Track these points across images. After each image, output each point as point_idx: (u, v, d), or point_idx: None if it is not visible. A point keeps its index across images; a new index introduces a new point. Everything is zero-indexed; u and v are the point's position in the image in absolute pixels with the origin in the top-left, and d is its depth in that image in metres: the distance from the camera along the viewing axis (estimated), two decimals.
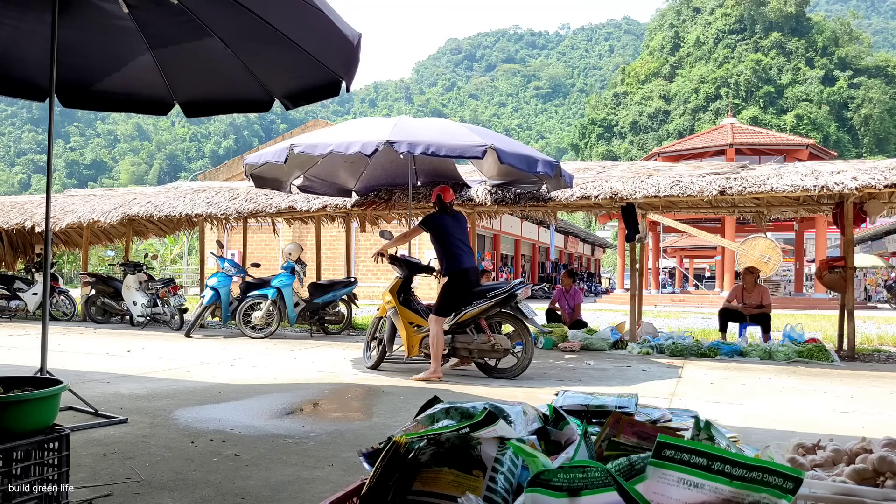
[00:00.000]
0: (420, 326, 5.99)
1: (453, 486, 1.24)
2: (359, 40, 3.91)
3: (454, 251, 5.74)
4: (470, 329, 5.88)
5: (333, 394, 5.04)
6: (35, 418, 2.06)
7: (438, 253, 5.84)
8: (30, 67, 4.41)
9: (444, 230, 5.75)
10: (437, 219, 5.81)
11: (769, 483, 1.04)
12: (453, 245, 5.75)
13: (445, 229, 5.76)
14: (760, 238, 17.04)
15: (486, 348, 5.83)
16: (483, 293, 5.79)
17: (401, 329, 6.01)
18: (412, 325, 6.00)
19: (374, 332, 6.45)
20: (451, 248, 5.74)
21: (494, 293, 5.77)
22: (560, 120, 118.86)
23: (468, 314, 5.77)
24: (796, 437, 1.78)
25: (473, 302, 5.76)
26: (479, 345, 5.84)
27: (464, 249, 5.78)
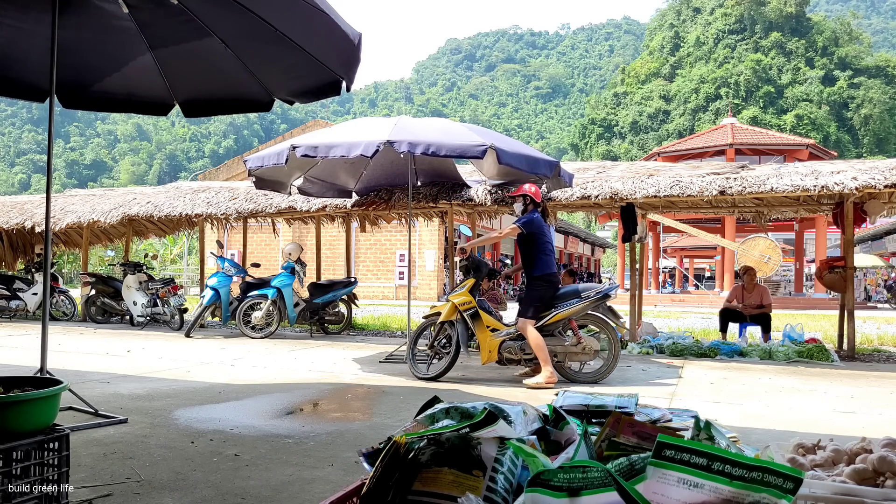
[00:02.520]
0: (496, 330, 5.71)
1: (453, 486, 1.24)
2: (359, 40, 3.91)
3: (548, 253, 5.68)
4: (558, 331, 5.66)
5: (333, 394, 5.04)
6: (35, 418, 2.06)
7: (526, 254, 5.65)
8: (30, 68, 4.41)
9: (542, 231, 5.68)
10: (538, 219, 5.70)
11: (769, 483, 1.04)
12: (547, 247, 5.69)
13: (542, 230, 5.69)
14: (760, 238, 17.05)
15: (575, 351, 5.60)
16: (575, 294, 5.66)
17: (480, 333, 5.63)
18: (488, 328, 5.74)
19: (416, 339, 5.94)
20: (546, 249, 5.68)
21: (589, 294, 5.62)
22: (560, 120, 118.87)
23: (559, 315, 5.56)
24: (796, 437, 1.78)
25: (561, 304, 5.60)
26: (568, 348, 5.60)
27: (553, 251, 5.77)
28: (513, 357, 5.65)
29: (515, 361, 5.69)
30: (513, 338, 5.65)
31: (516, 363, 5.71)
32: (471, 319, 5.64)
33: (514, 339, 5.64)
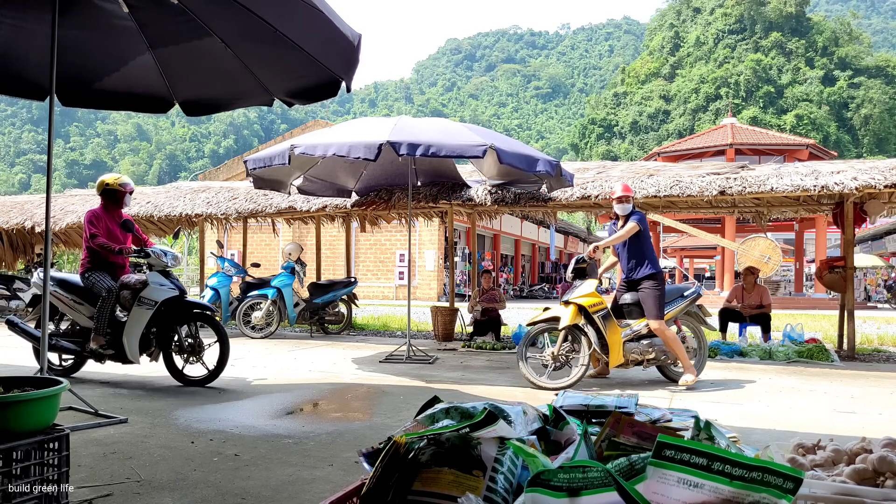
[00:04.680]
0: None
1: (453, 486, 1.24)
2: (359, 40, 3.91)
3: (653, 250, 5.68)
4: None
5: (333, 394, 5.04)
6: (35, 418, 2.06)
7: (638, 251, 5.56)
8: (30, 67, 4.41)
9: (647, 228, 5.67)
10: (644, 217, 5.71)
11: (769, 483, 1.04)
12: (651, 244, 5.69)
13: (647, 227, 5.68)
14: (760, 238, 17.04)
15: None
16: (678, 292, 5.72)
17: (613, 335, 5.36)
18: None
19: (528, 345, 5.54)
20: (652, 247, 5.67)
21: (690, 293, 5.72)
22: (560, 120, 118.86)
23: (671, 314, 5.58)
24: (796, 437, 1.78)
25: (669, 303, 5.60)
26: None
27: None
28: (637, 358, 5.54)
29: (639, 363, 5.59)
30: (633, 339, 5.54)
31: (638, 364, 5.62)
32: (602, 321, 5.32)
33: (635, 340, 5.54)
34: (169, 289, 5.16)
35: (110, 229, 5.30)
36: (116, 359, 5.19)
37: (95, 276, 5.21)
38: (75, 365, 5.61)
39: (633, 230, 5.47)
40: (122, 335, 5.11)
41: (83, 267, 5.28)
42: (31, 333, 5.21)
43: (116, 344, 5.13)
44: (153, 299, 5.09)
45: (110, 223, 5.33)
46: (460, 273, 24.00)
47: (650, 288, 5.45)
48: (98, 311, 5.09)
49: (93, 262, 5.26)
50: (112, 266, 5.32)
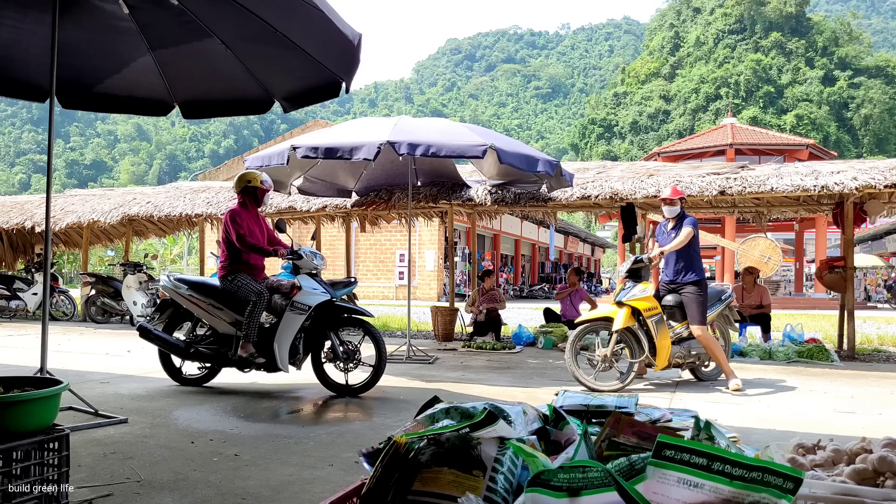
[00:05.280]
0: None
1: (453, 486, 1.24)
2: (359, 41, 3.91)
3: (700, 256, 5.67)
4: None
5: (333, 394, 5.04)
6: (35, 418, 2.06)
7: (687, 256, 5.53)
8: (30, 68, 4.41)
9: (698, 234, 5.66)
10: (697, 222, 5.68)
11: (769, 483, 1.04)
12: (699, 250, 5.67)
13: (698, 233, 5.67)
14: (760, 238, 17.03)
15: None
16: (717, 296, 5.80)
17: (663, 339, 5.33)
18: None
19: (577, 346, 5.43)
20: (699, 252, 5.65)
21: (726, 297, 5.84)
22: (560, 120, 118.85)
23: (710, 317, 5.64)
24: (796, 437, 1.78)
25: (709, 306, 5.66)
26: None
27: None
28: (679, 361, 5.58)
29: (680, 365, 5.65)
30: (675, 341, 5.54)
31: (680, 367, 5.69)
32: (655, 326, 5.29)
33: (676, 343, 5.55)
34: (321, 293, 4.91)
35: (251, 229, 5.02)
36: (265, 367, 4.90)
37: (240, 279, 4.89)
38: (210, 373, 5.28)
39: (690, 235, 5.47)
40: (273, 342, 4.81)
41: (224, 269, 4.96)
42: (168, 341, 5.00)
43: (266, 351, 4.85)
44: (307, 304, 4.83)
45: (251, 222, 5.07)
46: (460, 273, 24.00)
47: (695, 293, 5.45)
48: (248, 316, 4.77)
49: (235, 263, 4.96)
50: (252, 268, 5.03)
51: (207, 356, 5.05)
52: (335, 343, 4.95)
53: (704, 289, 5.50)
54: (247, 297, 4.83)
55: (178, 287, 4.98)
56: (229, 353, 4.96)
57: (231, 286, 4.91)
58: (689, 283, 5.48)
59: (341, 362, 4.95)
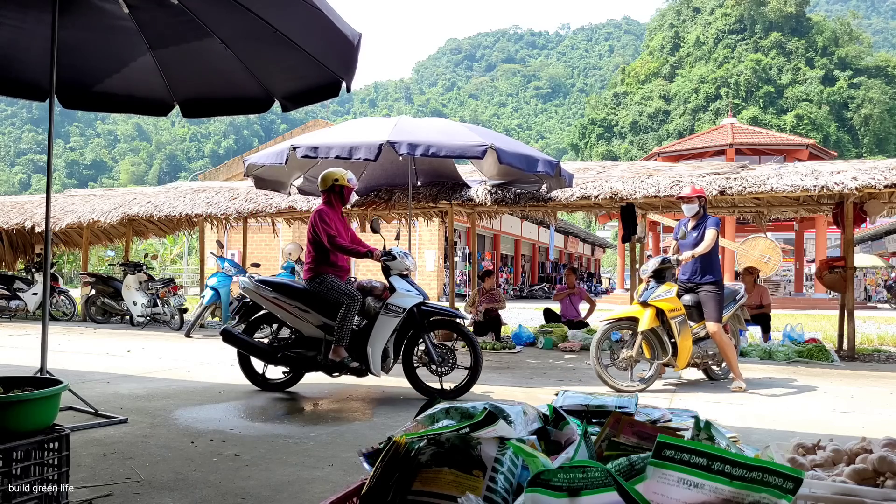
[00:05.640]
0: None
1: (453, 486, 1.24)
2: (359, 40, 3.91)
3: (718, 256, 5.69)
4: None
5: (333, 394, 5.04)
6: (35, 418, 2.06)
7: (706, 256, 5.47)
8: (30, 68, 4.41)
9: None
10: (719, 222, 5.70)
11: (769, 483, 1.04)
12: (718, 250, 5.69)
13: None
14: (760, 238, 17.04)
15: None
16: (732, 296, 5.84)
17: (685, 340, 5.32)
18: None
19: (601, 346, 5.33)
20: (718, 253, 5.67)
21: (740, 297, 5.91)
22: (560, 120, 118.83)
23: (726, 317, 5.69)
24: (796, 437, 1.78)
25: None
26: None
27: None
28: (696, 361, 5.62)
29: (697, 365, 5.70)
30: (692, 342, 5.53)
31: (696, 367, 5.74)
32: (678, 326, 5.28)
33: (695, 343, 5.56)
34: (414, 294, 4.76)
35: (338, 229, 4.90)
36: (356, 372, 4.77)
37: (330, 281, 4.75)
38: (293, 378, 5.11)
39: (715, 237, 5.49)
40: (366, 345, 4.68)
41: (311, 271, 4.83)
42: (254, 346, 4.85)
43: (358, 355, 4.71)
44: (401, 306, 4.69)
45: (338, 222, 4.93)
46: (460, 273, 24.00)
47: (713, 292, 5.47)
48: (341, 320, 4.61)
49: (322, 265, 4.82)
50: (339, 270, 4.89)
51: (295, 361, 4.88)
52: (429, 346, 4.79)
53: (722, 288, 5.54)
54: (338, 300, 4.67)
55: (260, 289, 4.82)
56: (318, 357, 4.80)
57: (320, 288, 4.76)
58: (707, 282, 5.50)
59: (435, 366, 4.80)
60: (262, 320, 5.10)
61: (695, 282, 5.56)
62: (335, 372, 4.82)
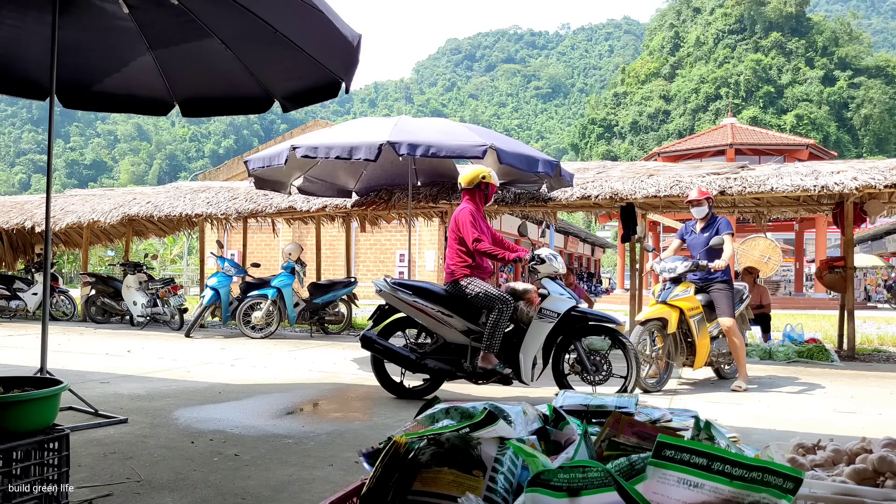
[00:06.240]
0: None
1: (453, 486, 1.24)
2: (359, 41, 3.92)
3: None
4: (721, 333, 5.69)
5: (333, 394, 5.04)
6: (35, 418, 2.06)
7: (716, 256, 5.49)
8: (30, 67, 4.41)
9: None
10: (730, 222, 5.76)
11: (769, 483, 1.04)
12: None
13: None
14: (760, 238, 17.03)
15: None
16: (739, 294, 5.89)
17: (703, 338, 5.36)
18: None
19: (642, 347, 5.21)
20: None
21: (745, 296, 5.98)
22: (560, 120, 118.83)
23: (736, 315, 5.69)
24: (796, 437, 1.78)
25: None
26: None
27: None
28: (711, 360, 5.64)
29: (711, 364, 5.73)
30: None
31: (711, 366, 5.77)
32: (697, 325, 5.32)
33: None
34: (567, 298, 4.56)
35: (482, 229, 4.71)
36: (504, 380, 4.57)
37: (478, 284, 4.55)
38: (433, 385, 4.87)
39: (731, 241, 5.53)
40: (518, 352, 4.49)
41: (457, 274, 4.62)
42: (396, 352, 4.64)
43: (510, 362, 4.51)
44: (555, 311, 4.49)
45: (482, 222, 4.73)
46: None
47: (725, 290, 5.50)
48: (493, 325, 4.41)
49: (468, 267, 4.61)
50: (484, 272, 4.70)
51: (439, 368, 4.66)
52: (581, 352, 4.63)
53: (732, 286, 5.60)
54: (489, 304, 4.48)
55: (398, 293, 4.63)
56: (463, 364, 4.60)
57: (466, 292, 4.56)
58: (718, 280, 5.53)
59: (588, 374, 4.63)
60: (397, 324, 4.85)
61: (706, 280, 5.58)
62: (482, 379, 4.58)
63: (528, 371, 4.51)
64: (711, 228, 5.64)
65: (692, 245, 5.74)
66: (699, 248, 5.64)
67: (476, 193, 4.78)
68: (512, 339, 4.54)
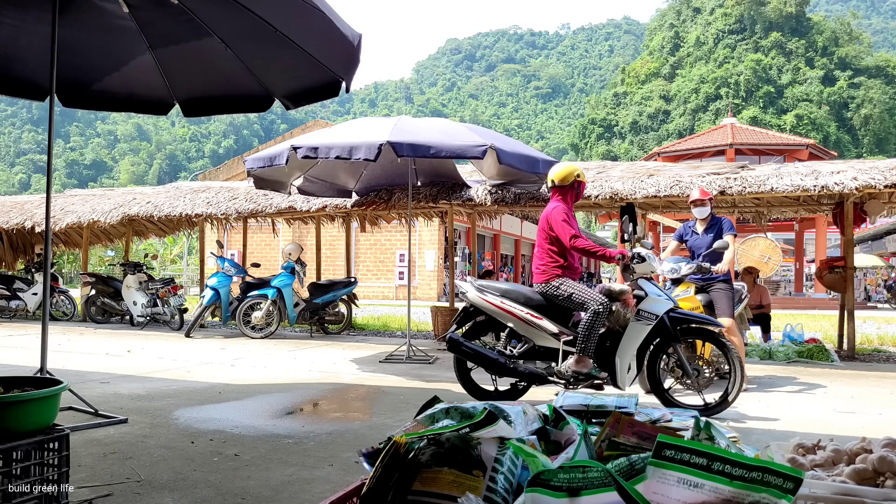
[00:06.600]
0: None
1: (453, 486, 1.24)
2: (359, 41, 3.92)
3: None
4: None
5: (333, 394, 5.05)
6: (35, 418, 2.06)
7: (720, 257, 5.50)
8: (30, 67, 4.41)
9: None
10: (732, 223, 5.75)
11: (769, 483, 1.04)
12: None
13: None
14: (760, 238, 17.03)
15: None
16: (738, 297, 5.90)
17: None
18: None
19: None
20: None
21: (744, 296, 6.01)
22: (560, 120, 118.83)
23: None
24: (796, 437, 1.78)
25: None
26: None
27: None
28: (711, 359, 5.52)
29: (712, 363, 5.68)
30: None
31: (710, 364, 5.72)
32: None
33: None
34: (665, 299, 4.39)
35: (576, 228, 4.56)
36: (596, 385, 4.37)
37: (570, 285, 4.40)
38: (521, 390, 4.71)
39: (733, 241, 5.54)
40: (614, 355, 4.33)
41: (550, 274, 4.46)
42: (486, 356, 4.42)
43: (605, 366, 4.34)
44: (654, 312, 4.31)
45: (574, 221, 4.56)
46: (460, 273, 24.01)
47: (725, 289, 5.50)
48: (588, 327, 4.22)
49: (560, 267, 4.46)
50: (575, 272, 4.54)
51: (530, 373, 4.48)
52: (682, 356, 4.43)
53: (732, 286, 5.61)
54: (583, 306, 4.31)
55: (485, 294, 4.49)
56: (554, 368, 4.42)
57: (559, 293, 4.40)
58: (718, 280, 5.54)
59: (689, 378, 4.44)
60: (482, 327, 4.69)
61: (707, 280, 5.58)
62: (575, 384, 4.37)
63: (624, 376, 4.34)
64: (714, 229, 5.64)
65: (695, 246, 5.73)
66: (702, 249, 5.63)
67: (568, 191, 4.61)
68: (604, 342, 4.38)
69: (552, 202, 4.60)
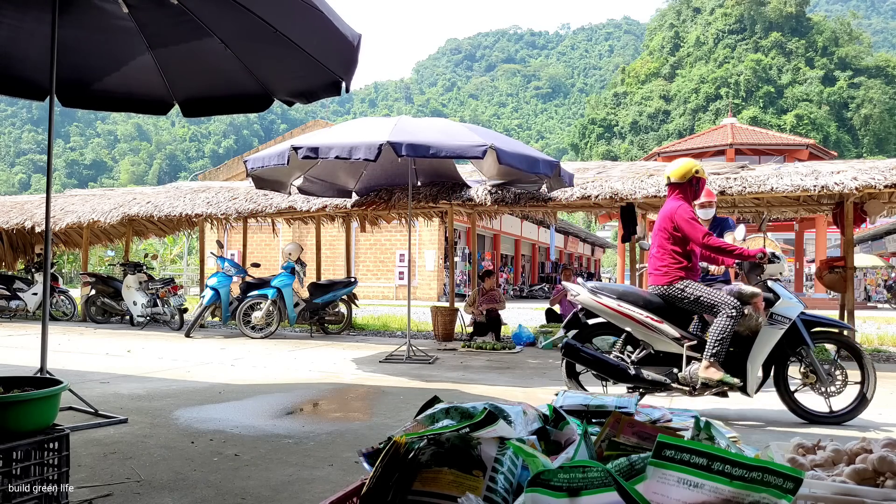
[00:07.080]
0: None
1: (453, 486, 1.24)
2: (359, 41, 3.92)
3: None
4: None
5: (333, 394, 5.05)
6: (35, 418, 2.06)
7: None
8: (30, 67, 4.41)
9: None
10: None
11: (769, 483, 1.04)
12: None
13: None
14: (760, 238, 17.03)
15: None
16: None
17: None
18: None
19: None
20: None
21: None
22: (560, 120, 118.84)
23: None
24: (796, 437, 1.78)
25: None
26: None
27: None
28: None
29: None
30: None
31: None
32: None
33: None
34: (797, 302, 4.21)
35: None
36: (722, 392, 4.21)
37: (697, 287, 4.20)
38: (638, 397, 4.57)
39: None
40: (746, 361, 4.15)
41: (673, 275, 4.25)
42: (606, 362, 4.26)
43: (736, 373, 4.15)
44: (787, 316, 4.14)
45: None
46: (460, 273, 24.01)
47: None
48: (720, 332, 4.02)
49: (683, 269, 4.25)
50: (695, 273, 4.36)
51: (653, 380, 4.28)
52: (815, 362, 4.26)
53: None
54: (713, 309, 4.11)
55: (599, 297, 4.32)
56: (677, 374, 4.26)
57: (683, 295, 4.20)
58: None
59: (823, 384, 4.28)
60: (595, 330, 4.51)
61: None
62: (702, 391, 4.20)
63: (754, 381, 4.17)
64: (716, 231, 5.65)
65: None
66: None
67: (687, 189, 4.40)
68: (729, 346, 4.16)
69: (672, 200, 4.38)
